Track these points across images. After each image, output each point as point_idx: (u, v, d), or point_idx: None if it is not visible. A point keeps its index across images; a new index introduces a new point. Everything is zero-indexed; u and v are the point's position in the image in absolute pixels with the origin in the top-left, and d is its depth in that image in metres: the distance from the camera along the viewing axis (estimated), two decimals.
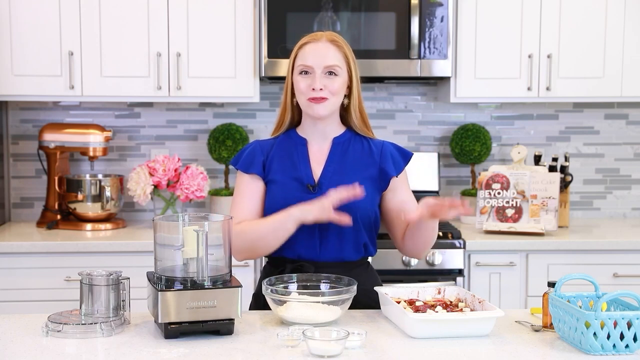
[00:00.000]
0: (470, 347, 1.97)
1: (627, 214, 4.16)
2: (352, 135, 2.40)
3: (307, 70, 2.30)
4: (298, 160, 2.35)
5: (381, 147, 2.40)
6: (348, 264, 2.35)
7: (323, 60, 2.29)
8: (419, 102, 4.08)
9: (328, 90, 2.28)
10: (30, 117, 3.98)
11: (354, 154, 2.37)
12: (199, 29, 3.63)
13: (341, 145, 2.38)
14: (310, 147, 2.38)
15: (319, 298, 2.10)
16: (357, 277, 2.33)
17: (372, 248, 2.41)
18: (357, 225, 2.30)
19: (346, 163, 2.35)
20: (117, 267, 2.40)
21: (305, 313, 2.07)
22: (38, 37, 3.59)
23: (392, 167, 2.37)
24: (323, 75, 2.28)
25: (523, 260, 3.51)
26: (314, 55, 2.30)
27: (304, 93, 2.30)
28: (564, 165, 3.84)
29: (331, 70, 2.29)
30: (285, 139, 2.41)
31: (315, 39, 2.33)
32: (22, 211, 4.01)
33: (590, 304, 2.06)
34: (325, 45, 2.31)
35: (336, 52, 2.32)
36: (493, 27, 3.69)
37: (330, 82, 2.29)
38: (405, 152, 2.43)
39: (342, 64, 2.32)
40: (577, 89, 3.74)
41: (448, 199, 2.16)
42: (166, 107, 4.00)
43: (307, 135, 2.40)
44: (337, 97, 2.32)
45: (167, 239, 2.06)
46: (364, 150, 2.38)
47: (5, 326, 2.12)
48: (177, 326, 1.99)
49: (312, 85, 2.28)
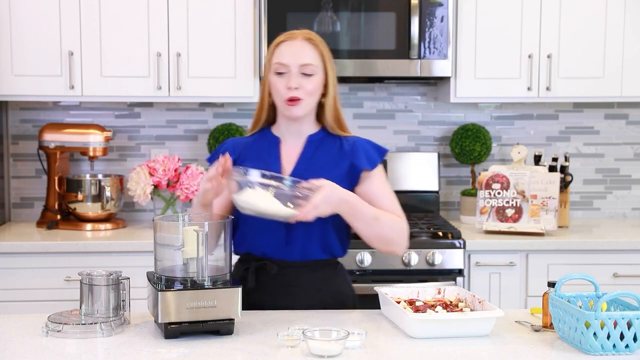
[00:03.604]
0: (470, 347, 1.97)
1: (627, 214, 4.16)
2: (326, 133, 2.39)
3: (283, 69, 2.29)
4: (270, 159, 2.34)
5: (353, 142, 2.37)
6: (315, 264, 2.34)
7: (299, 59, 2.28)
8: (419, 102, 4.08)
9: (303, 90, 2.28)
10: (30, 117, 3.98)
11: (326, 153, 2.36)
12: (199, 29, 3.63)
13: (315, 143, 2.37)
14: (284, 146, 2.38)
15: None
16: (324, 277, 2.34)
17: (340, 248, 2.37)
18: (324, 224, 2.28)
19: (317, 161, 2.34)
20: (117, 267, 2.40)
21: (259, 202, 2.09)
22: (38, 37, 3.59)
23: (364, 161, 2.33)
24: (299, 75, 2.28)
25: (523, 260, 3.51)
26: (289, 54, 2.29)
27: (280, 94, 2.29)
28: (564, 165, 3.84)
29: (307, 68, 2.28)
30: (260, 137, 2.41)
31: (291, 37, 2.33)
32: (22, 211, 4.01)
33: (590, 304, 2.06)
34: (301, 44, 2.30)
35: (312, 50, 2.31)
36: (493, 27, 3.69)
37: (305, 81, 2.28)
38: (380, 148, 2.40)
39: (318, 63, 2.31)
40: (577, 89, 3.74)
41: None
42: (166, 107, 4.00)
43: (282, 133, 2.39)
44: (313, 97, 2.31)
45: (167, 239, 2.06)
46: (336, 148, 2.36)
47: (5, 326, 2.12)
48: (177, 326, 1.99)
49: (287, 84, 2.28)
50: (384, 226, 2.26)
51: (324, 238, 2.32)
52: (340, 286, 2.40)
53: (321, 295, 2.34)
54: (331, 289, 2.36)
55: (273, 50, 2.34)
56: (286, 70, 2.29)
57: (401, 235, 2.30)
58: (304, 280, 2.33)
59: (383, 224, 2.26)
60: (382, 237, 2.27)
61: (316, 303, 2.32)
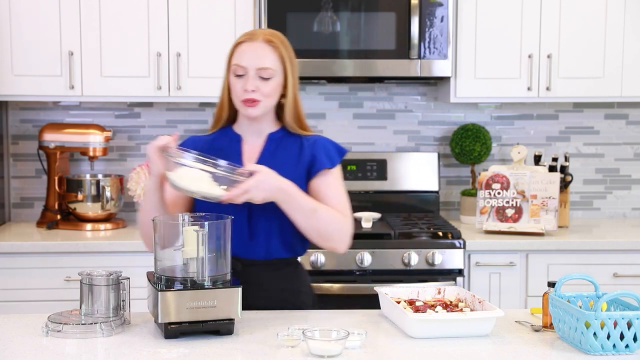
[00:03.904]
0: (470, 347, 1.97)
1: (627, 214, 4.16)
2: (287, 132, 2.39)
3: (241, 71, 2.28)
4: (231, 157, 2.33)
5: (314, 141, 2.37)
6: (277, 263, 2.34)
7: (257, 62, 2.27)
8: (419, 102, 4.08)
9: (260, 93, 2.27)
10: (30, 117, 3.98)
11: (287, 151, 2.36)
12: (199, 29, 3.63)
13: (275, 142, 2.37)
14: (245, 144, 2.38)
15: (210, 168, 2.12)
16: (285, 277, 2.35)
17: (301, 246, 2.38)
18: (284, 222, 2.29)
19: (278, 160, 2.33)
20: (117, 267, 2.40)
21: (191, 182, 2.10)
22: (38, 37, 3.59)
23: (324, 160, 2.33)
24: (256, 77, 2.27)
25: (523, 260, 3.51)
26: (248, 56, 2.28)
27: (238, 95, 2.30)
28: (564, 165, 3.84)
29: (264, 72, 2.27)
30: (221, 135, 2.41)
31: (251, 38, 2.31)
32: (22, 211, 4.01)
33: (590, 304, 2.06)
34: (260, 46, 2.29)
35: (271, 53, 2.29)
36: (493, 27, 3.69)
37: (263, 84, 2.28)
38: (341, 148, 2.39)
39: (277, 66, 2.29)
40: (577, 89, 3.74)
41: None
42: (166, 107, 4.00)
43: (243, 132, 2.39)
44: (270, 99, 2.31)
45: (168, 239, 2.06)
46: (296, 147, 2.36)
47: (5, 326, 2.12)
48: (177, 326, 1.99)
49: (245, 86, 2.27)
50: (323, 221, 2.24)
51: (284, 236, 2.32)
52: (301, 286, 2.41)
53: (283, 295, 2.35)
54: (293, 288, 2.37)
55: (233, 51, 2.34)
56: (244, 73, 2.28)
57: (342, 232, 2.28)
58: (267, 280, 2.33)
59: (321, 218, 2.24)
60: (321, 231, 2.26)
61: (277, 303, 2.32)
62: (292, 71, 2.33)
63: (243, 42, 2.32)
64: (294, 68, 2.34)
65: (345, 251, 2.32)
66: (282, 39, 2.34)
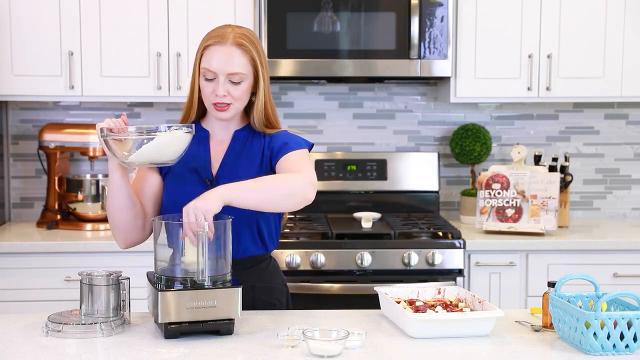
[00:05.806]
0: (470, 347, 1.97)
1: (627, 214, 4.16)
2: (253, 130, 2.37)
3: (210, 75, 2.25)
4: (199, 153, 2.32)
5: (275, 135, 2.33)
6: (249, 260, 2.32)
7: (227, 67, 2.23)
8: (419, 102, 4.08)
9: (231, 97, 2.25)
10: (30, 117, 3.98)
11: (252, 148, 2.34)
12: (199, 29, 3.63)
13: (241, 139, 2.36)
14: (212, 140, 2.37)
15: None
16: (258, 274, 2.34)
17: (270, 242, 2.37)
18: (252, 220, 2.28)
19: (243, 157, 2.33)
20: (117, 267, 2.40)
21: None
22: (38, 37, 3.59)
23: (281, 147, 2.28)
24: (226, 82, 2.24)
25: (523, 260, 3.51)
26: (218, 61, 2.24)
27: (208, 98, 2.27)
28: (564, 165, 3.84)
29: (235, 77, 2.24)
30: None
31: (220, 41, 2.25)
32: (22, 211, 4.01)
33: (590, 304, 2.06)
34: (230, 50, 2.24)
35: (241, 57, 2.25)
36: (493, 27, 3.69)
37: (233, 89, 2.25)
38: (303, 139, 2.35)
39: (247, 70, 2.26)
40: (577, 89, 3.74)
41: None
42: (166, 107, 4.00)
43: (212, 127, 2.38)
44: (242, 102, 2.29)
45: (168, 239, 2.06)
46: (261, 145, 2.34)
47: (5, 326, 2.12)
48: (177, 326, 1.99)
49: (215, 91, 2.25)
50: (275, 184, 2.14)
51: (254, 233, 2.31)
52: (275, 283, 2.40)
53: (254, 292, 2.33)
54: (265, 285, 2.36)
55: (202, 53, 2.29)
56: (214, 77, 2.25)
57: (299, 185, 2.15)
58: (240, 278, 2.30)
59: (272, 183, 2.13)
60: (284, 194, 2.13)
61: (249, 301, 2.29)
62: (263, 72, 2.29)
63: (212, 45, 2.27)
64: (265, 68, 2.30)
65: (313, 197, 2.19)
66: (252, 39, 2.29)
